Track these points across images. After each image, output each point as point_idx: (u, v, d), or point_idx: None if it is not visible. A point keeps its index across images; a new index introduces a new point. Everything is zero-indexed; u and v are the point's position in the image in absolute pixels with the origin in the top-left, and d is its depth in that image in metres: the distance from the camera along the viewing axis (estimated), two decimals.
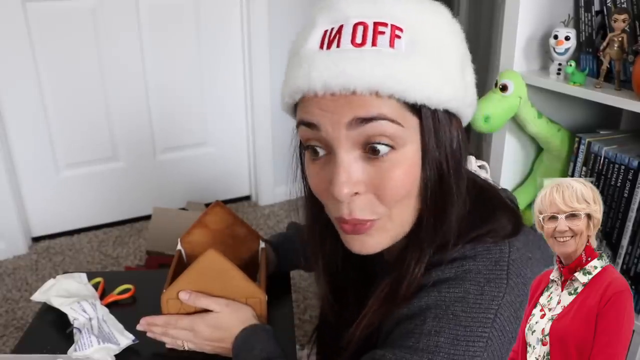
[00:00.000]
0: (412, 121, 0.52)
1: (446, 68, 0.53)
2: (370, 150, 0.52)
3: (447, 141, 0.54)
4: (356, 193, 0.53)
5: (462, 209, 0.56)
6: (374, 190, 0.53)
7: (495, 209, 0.59)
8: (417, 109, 0.52)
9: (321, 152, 0.55)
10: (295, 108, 0.57)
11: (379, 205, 0.54)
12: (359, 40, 0.50)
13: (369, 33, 0.50)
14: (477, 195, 0.59)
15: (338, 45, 0.51)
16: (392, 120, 0.51)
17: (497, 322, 0.52)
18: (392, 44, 0.50)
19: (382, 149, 0.51)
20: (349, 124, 0.51)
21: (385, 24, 0.50)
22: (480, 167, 0.69)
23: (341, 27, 0.51)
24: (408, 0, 0.53)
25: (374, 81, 0.49)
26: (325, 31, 0.52)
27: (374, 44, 0.50)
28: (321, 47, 0.52)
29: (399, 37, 0.50)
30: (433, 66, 0.51)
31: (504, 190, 0.67)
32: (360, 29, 0.50)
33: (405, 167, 0.52)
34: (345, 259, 0.68)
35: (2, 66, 1.83)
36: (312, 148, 0.55)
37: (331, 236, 0.63)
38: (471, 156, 0.69)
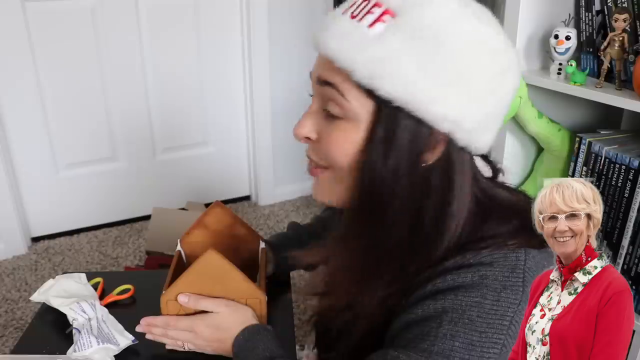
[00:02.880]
0: (365, 103, 0.54)
1: (429, 70, 0.51)
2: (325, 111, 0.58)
3: (407, 148, 0.53)
4: (308, 138, 0.60)
5: (405, 230, 0.56)
6: (320, 143, 0.59)
7: (531, 228, 0.60)
8: (375, 96, 0.53)
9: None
10: None
11: (325, 158, 0.59)
12: (355, 12, 0.54)
13: (365, 9, 0.53)
14: (512, 213, 0.60)
15: (343, 13, 0.55)
16: (340, 92, 0.55)
17: (512, 329, 0.52)
18: (371, 25, 0.52)
19: (330, 115, 0.57)
20: (316, 80, 0.58)
21: (380, 5, 0.53)
22: (498, 169, 0.69)
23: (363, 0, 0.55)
24: None
25: (330, 52, 0.54)
26: (355, 1, 0.56)
27: (360, 19, 0.53)
28: (342, 12, 0.56)
29: (383, 21, 0.52)
30: (406, 60, 0.51)
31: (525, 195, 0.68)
32: (364, 4, 0.54)
33: (343, 136, 0.56)
34: None
35: (2, 66, 1.83)
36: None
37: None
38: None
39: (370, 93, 0.53)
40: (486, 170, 0.65)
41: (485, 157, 0.65)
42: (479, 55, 0.53)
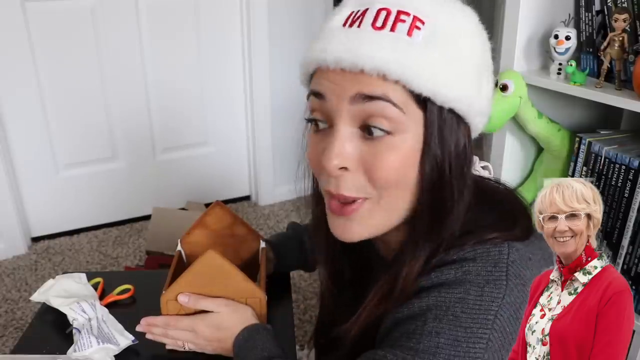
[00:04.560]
0: (416, 112, 0.53)
1: (460, 69, 0.54)
2: (367, 131, 0.53)
3: (451, 142, 0.55)
4: (345, 168, 0.54)
5: (462, 214, 0.57)
6: (365, 170, 0.54)
7: (514, 216, 0.60)
8: (423, 102, 0.52)
9: (322, 124, 0.56)
10: (310, 80, 0.59)
11: (368, 186, 0.54)
12: (379, 24, 0.52)
13: (390, 19, 0.52)
14: (495, 201, 0.60)
15: (359, 26, 0.53)
16: (394, 104, 0.52)
17: (497, 323, 0.52)
18: (409, 33, 0.52)
19: (378, 132, 0.53)
20: (352, 99, 0.52)
21: (408, 14, 0.52)
22: (483, 167, 0.69)
23: (366, 10, 0.53)
24: None
25: (381, 64, 0.50)
26: (352, 12, 0.54)
27: (392, 29, 0.52)
28: (344, 25, 0.54)
29: (418, 28, 0.52)
30: (446, 63, 0.52)
31: (514, 189, 0.67)
32: (383, 13, 0.52)
33: (400, 153, 0.53)
34: (343, 254, 0.69)
35: (2, 66, 1.83)
36: (315, 120, 0.57)
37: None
38: (475, 157, 0.70)
39: (419, 100, 0.52)
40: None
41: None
42: (486, 47, 0.57)
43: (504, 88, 1.23)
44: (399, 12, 0.52)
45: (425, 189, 0.55)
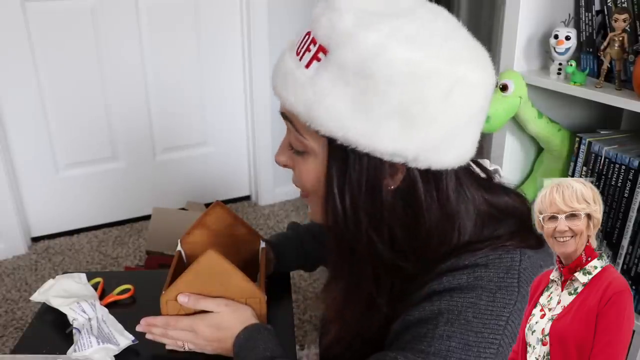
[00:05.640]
0: (319, 139, 0.55)
1: (359, 104, 0.50)
2: None
3: (354, 177, 0.53)
4: (287, 166, 0.63)
5: (385, 254, 0.57)
6: (295, 173, 0.62)
7: (529, 226, 0.61)
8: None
9: None
10: None
11: (301, 187, 0.63)
12: (299, 50, 0.54)
13: (304, 46, 0.53)
14: (509, 213, 0.61)
15: (292, 49, 0.56)
16: (295, 128, 0.57)
17: (509, 329, 0.52)
18: (308, 64, 0.52)
19: (294, 151, 0.59)
20: (280, 115, 0.59)
21: (315, 42, 0.52)
22: (492, 171, 0.69)
23: (303, 33, 0.55)
24: (359, 24, 0.49)
25: (276, 90, 0.56)
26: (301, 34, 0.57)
27: (300, 58, 0.53)
28: (291, 47, 0.57)
29: (318, 59, 0.51)
30: (334, 100, 0.51)
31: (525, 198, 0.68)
32: (305, 38, 0.54)
33: (310, 171, 0.58)
34: None
35: (2, 66, 1.83)
36: None
37: None
38: (486, 160, 0.70)
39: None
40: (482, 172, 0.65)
41: (476, 162, 0.64)
42: (412, 83, 0.49)
43: (504, 88, 1.23)
44: (312, 41, 0.52)
45: (325, 210, 0.57)
